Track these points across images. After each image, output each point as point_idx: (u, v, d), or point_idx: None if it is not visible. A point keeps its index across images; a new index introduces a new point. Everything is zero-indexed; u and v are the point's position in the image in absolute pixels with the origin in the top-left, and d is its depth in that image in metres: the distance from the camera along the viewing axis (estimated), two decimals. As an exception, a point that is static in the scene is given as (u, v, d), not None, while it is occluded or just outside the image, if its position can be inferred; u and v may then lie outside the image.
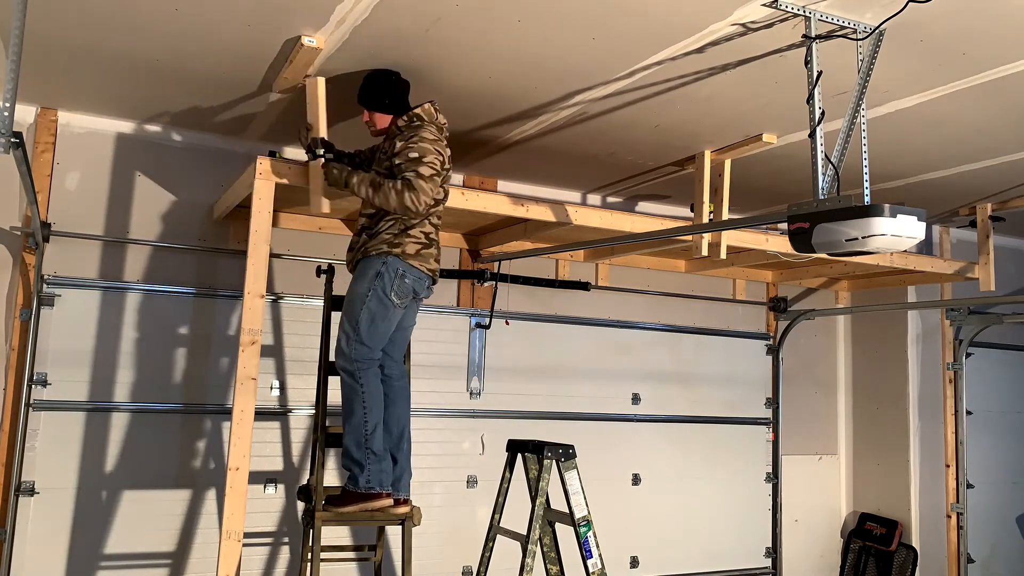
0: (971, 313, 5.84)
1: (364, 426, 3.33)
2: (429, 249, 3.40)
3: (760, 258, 5.10)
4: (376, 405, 3.37)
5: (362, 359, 3.35)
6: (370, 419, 3.34)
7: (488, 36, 3.07)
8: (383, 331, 3.38)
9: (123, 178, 4.33)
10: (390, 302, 3.34)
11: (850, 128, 2.87)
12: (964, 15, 2.78)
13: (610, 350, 5.53)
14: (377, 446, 3.35)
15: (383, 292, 3.32)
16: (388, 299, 3.33)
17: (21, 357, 4.03)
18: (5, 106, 2.21)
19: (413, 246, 3.34)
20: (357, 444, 3.34)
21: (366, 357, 3.36)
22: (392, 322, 3.41)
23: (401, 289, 3.34)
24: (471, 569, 4.89)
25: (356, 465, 3.35)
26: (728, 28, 2.91)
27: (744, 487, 5.91)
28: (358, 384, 3.35)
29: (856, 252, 2.65)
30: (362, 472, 3.33)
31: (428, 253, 3.40)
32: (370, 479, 3.33)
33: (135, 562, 4.19)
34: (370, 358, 3.37)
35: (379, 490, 3.35)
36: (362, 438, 3.33)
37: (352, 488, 3.36)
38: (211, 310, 4.45)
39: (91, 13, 3.01)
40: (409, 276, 3.34)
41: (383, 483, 3.36)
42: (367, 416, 3.33)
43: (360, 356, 3.35)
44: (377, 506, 3.35)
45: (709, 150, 4.38)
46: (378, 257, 3.33)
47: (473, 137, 4.29)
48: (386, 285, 3.31)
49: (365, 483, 3.33)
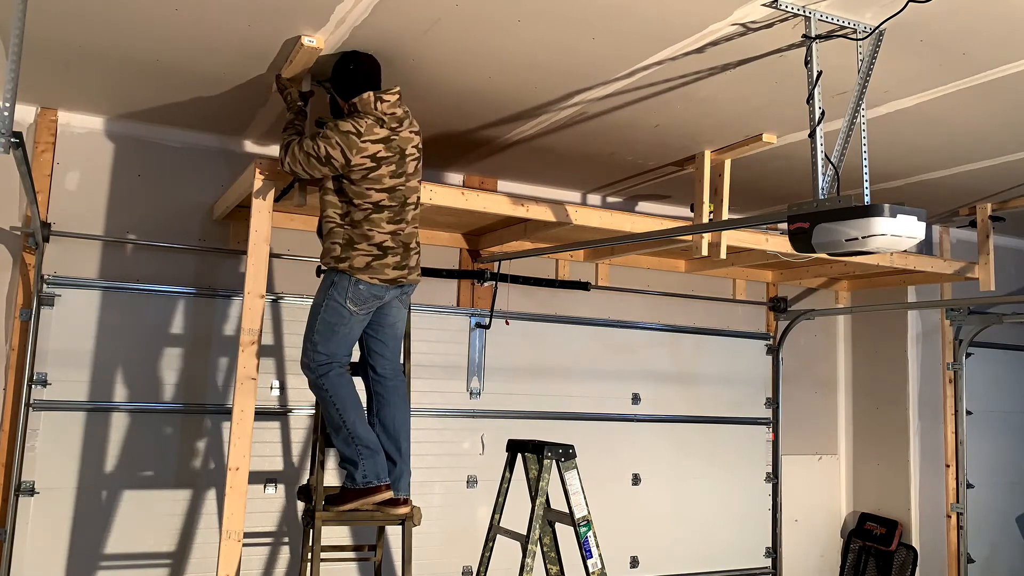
0: (971, 313, 5.85)
1: (344, 425, 3.32)
2: (383, 259, 3.26)
3: (760, 258, 5.10)
4: (348, 402, 3.34)
5: (321, 365, 3.33)
6: (347, 417, 3.32)
7: (487, 36, 3.07)
8: (343, 337, 3.34)
9: (123, 178, 4.33)
10: (345, 310, 3.28)
11: (850, 128, 2.87)
12: (964, 15, 2.78)
13: (610, 350, 5.53)
14: (365, 440, 3.34)
15: (336, 301, 3.27)
16: (343, 307, 3.27)
17: (21, 357, 4.03)
18: (5, 106, 2.21)
19: (362, 259, 3.24)
20: (345, 443, 3.34)
21: (324, 363, 3.33)
22: (354, 328, 3.36)
23: (356, 296, 3.27)
24: (471, 569, 4.89)
25: (350, 463, 3.35)
26: (728, 28, 2.91)
27: (744, 487, 5.91)
28: (324, 391, 3.34)
29: (856, 252, 2.65)
30: (357, 468, 3.33)
31: (382, 264, 3.26)
32: (366, 473, 3.33)
33: (135, 562, 4.19)
34: (328, 363, 3.34)
35: (377, 483, 3.34)
36: (347, 436, 3.32)
37: (350, 485, 3.35)
38: (211, 310, 4.45)
39: (91, 13, 3.01)
40: (363, 284, 3.27)
41: (380, 476, 3.35)
42: (343, 416, 3.32)
43: (319, 363, 3.32)
44: (377, 499, 3.34)
45: (709, 150, 4.38)
46: (329, 272, 3.31)
47: (473, 137, 4.29)
48: (338, 295, 3.27)
49: (362, 478, 3.33)
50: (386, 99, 3.22)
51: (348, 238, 3.25)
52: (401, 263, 3.33)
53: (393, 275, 3.31)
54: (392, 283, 3.32)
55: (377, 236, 3.26)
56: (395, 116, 3.26)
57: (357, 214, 3.24)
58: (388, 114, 3.23)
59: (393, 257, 3.30)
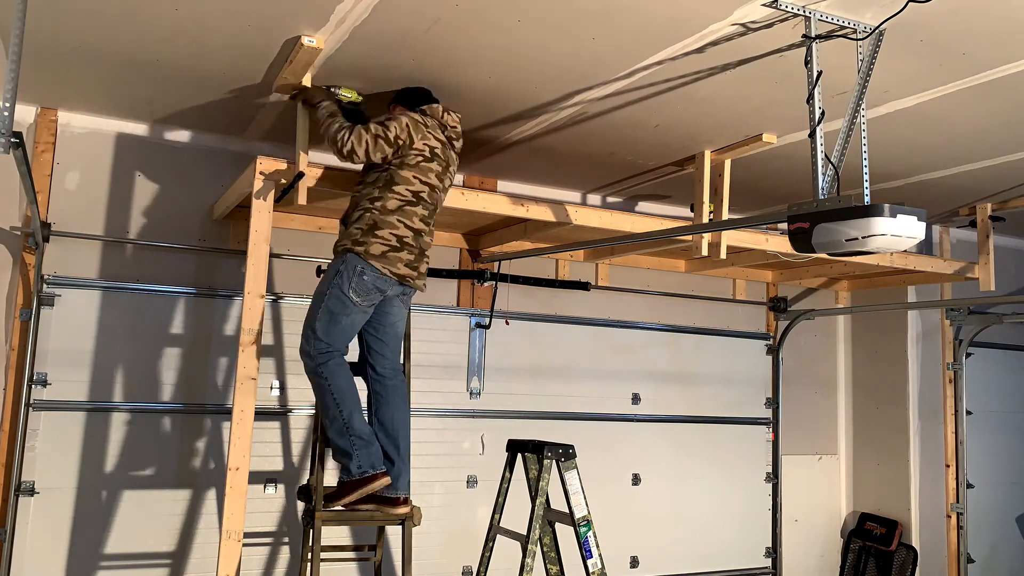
0: (971, 313, 5.85)
1: (340, 415, 3.32)
2: (399, 252, 3.34)
3: (760, 258, 5.10)
4: (347, 393, 3.35)
5: (321, 353, 3.34)
6: (344, 407, 3.33)
7: (488, 36, 3.07)
8: (345, 327, 3.37)
9: (123, 178, 4.33)
10: (348, 299, 3.31)
11: (850, 128, 2.87)
12: (964, 15, 2.78)
13: (610, 350, 5.53)
14: (359, 431, 3.34)
15: (340, 290, 3.30)
16: (346, 296, 3.31)
17: (21, 357, 4.03)
18: (5, 106, 2.21)
19: (379, 247, 3.31)
20: (339, 433, 3.33)
21: (325, 351, 3.34)
22: (355, 319, 3.38)
23: (360, 287, 3.30)
24: (471, 569, 4.89)
25: (344, 455, 3.35)
26: (728, 28, 2.91)
27: (744, 487, 5.91)
28: (322, 379, 3.34)
29: (856, 252, 2.65)
30: (351, 459, 3.33)
31: (396, 256, 3.33)
32: (361, 463, 3.34)
33: (135, 562, 4.19)
34: (328, 351, 3.35)
35: (372, 472, 3.34)
36: (342, 426, 3.32)
37: (347, 478, 3.35)
38: (211, 310, 4.45)
39: (91, 13, 3.01)
40: (368, 274, 3.30)
41: (375, 464, 3.36)
42: (340, 405, 3.33)
43: (319, 350, 3.34)
44: (375, 487, 3.34)
45: (709, 150, 4.38)
46: (340, 255, 3.35)
47: (473, 137, 4.28)
48: (343, 283, 3.30)
49: (357, 468, 3.33)
50: (452, 114, 3.56)
51: (373, 223, 3.33)
52: (413, 263, 3.41)
53: (403, 271, 3.37)
54: (400, 279, 3.37)
55: (401, 229, 3.35)
56: (455, 131, 3.57)
57: (392, 203, 3.35)
58: (450, 127, 3.54)
59: (408, 255, 3.38)
